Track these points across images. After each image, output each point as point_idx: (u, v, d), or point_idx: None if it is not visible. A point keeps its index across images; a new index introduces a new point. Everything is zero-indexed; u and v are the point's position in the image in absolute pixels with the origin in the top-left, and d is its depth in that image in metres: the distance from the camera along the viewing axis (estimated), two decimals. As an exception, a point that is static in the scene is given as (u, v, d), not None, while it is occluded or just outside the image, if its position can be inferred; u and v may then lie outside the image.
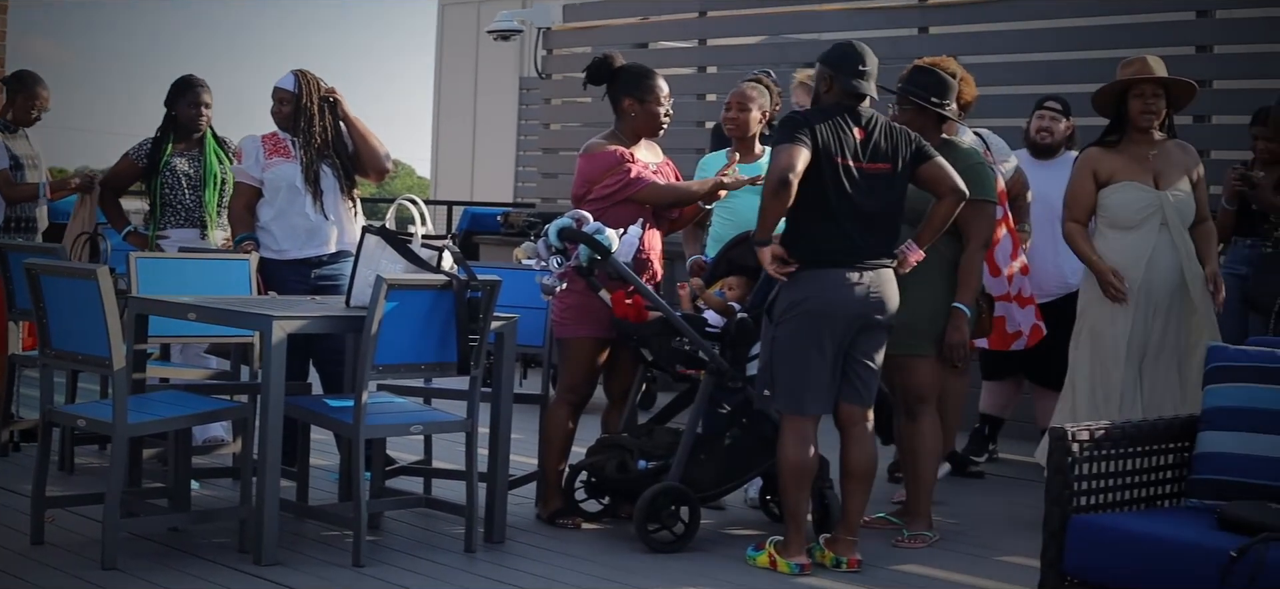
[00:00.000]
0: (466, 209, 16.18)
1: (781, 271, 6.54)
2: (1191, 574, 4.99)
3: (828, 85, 6.70)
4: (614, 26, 14.67)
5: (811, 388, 6.57)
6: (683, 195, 7.43)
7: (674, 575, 6.61)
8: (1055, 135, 9.03)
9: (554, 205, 13.90)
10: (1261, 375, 5.53)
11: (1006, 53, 11.86)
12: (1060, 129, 9.05)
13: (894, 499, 7.79)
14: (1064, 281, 8.79)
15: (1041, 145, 9.04)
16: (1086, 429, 5.39)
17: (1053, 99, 9.18)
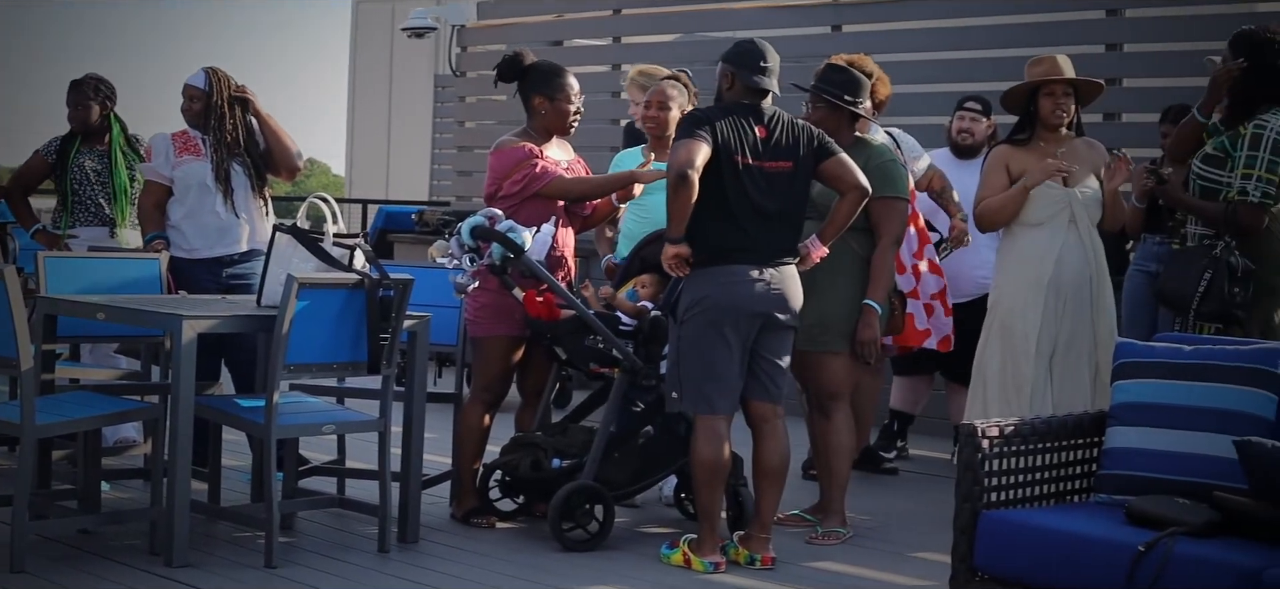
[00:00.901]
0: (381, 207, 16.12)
1: (677, 270, 6.55)
2: (1100, 569, 5.02)
3: (729, 82, 6.72)
4: (528, 24, 14.63)
5: (719, 386, 6.58)
6: (589, 188, 7.40)
7: (588, 574, 6.61)
8: (976, 135, 9.09)
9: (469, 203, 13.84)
10: (1169, 371, 5.58)
11: (919, 51, 11.92)
12: (981, 129, 9.10)
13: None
14: (979, 282, 8.84)
15: (963, 146, 9.10)
16: (996, 425, 5.41)
17: (973, 99, 9.24)
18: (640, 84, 8.35)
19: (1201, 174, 7.19)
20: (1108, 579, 4.99)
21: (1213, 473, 5.33)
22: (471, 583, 6.43)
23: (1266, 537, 5.04)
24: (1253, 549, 4.95)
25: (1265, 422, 5.39)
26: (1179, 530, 5.01)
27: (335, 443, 7.89)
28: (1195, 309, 6.96)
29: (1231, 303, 6.89)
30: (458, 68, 15.23)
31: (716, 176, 6.48)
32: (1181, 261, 7.17)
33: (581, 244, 7.86)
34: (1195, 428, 5.45)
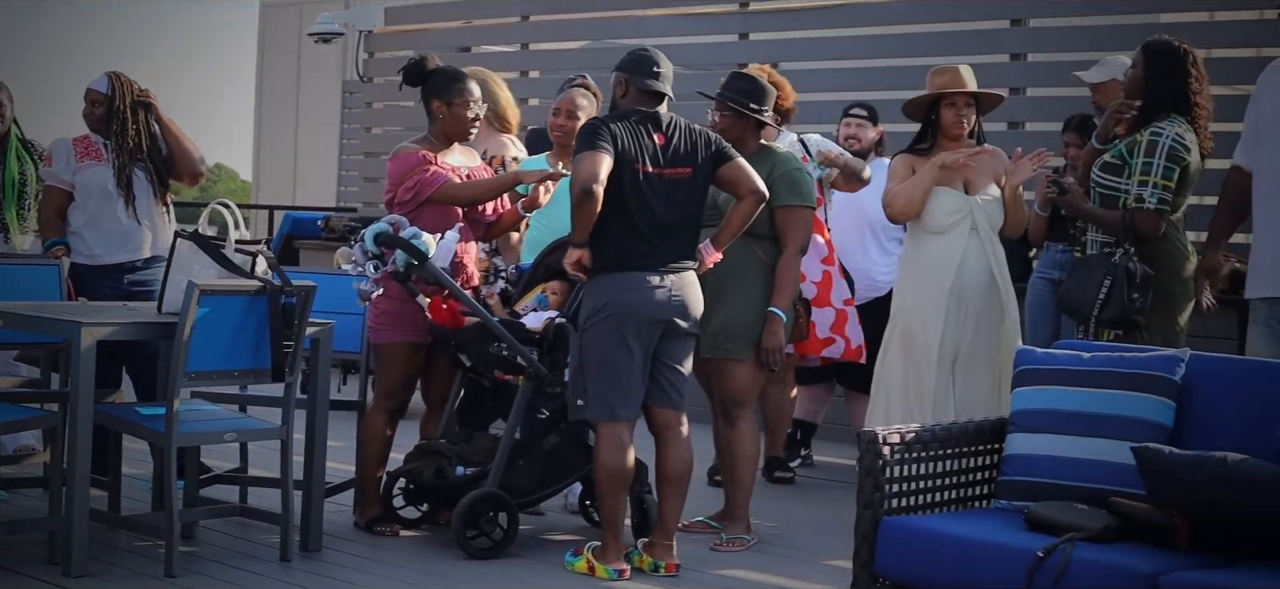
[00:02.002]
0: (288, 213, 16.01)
1: (576, 274, 6.55)
2: (1000, 574, 5.06)
3: (624, 90, 6.74)
4: (436, 30, 14.61)
5: (620, 393, 6.59)
6: (476, 193, 7.34)
7: (492, 582, 6.59)
8: (863, 142, 9.15)
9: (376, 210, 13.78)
10: (1068, 378, 5.63)
11: (825, 59, 11.99)
12: (868, 136, 9.17)
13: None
14: (873, 285, 8.90)
15: (851, 153, 9.14)
16: (897, 432, 5.45)
17: (859, 106, 9.30)
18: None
19: (1100, 182, 7.27)
20: (1007, 584, 5.03)
21: (1111, 478, 5.39)
22: (374, 591, 6.42)
23: (1163, 542, 5.10)
24: (1150, 554, 5.02)
25: (1163, 428, 5.45)
26: (1077, 536, 5.07)
27: (237, 451, 7.83)
28: (1096, 316, 7.03)
29: (1131, 308, 6.97)
30: (365, 74, 15.17)
31: (617, 185, 6.49)
32: (1082, 269, 7.24)
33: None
34: (1094, 434, 5.51)
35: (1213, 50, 9.55)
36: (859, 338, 8.44)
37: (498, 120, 8.35)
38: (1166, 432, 5.44)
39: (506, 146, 8.33)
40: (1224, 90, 9.03)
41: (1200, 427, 5.46)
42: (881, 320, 7.84)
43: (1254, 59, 7.63)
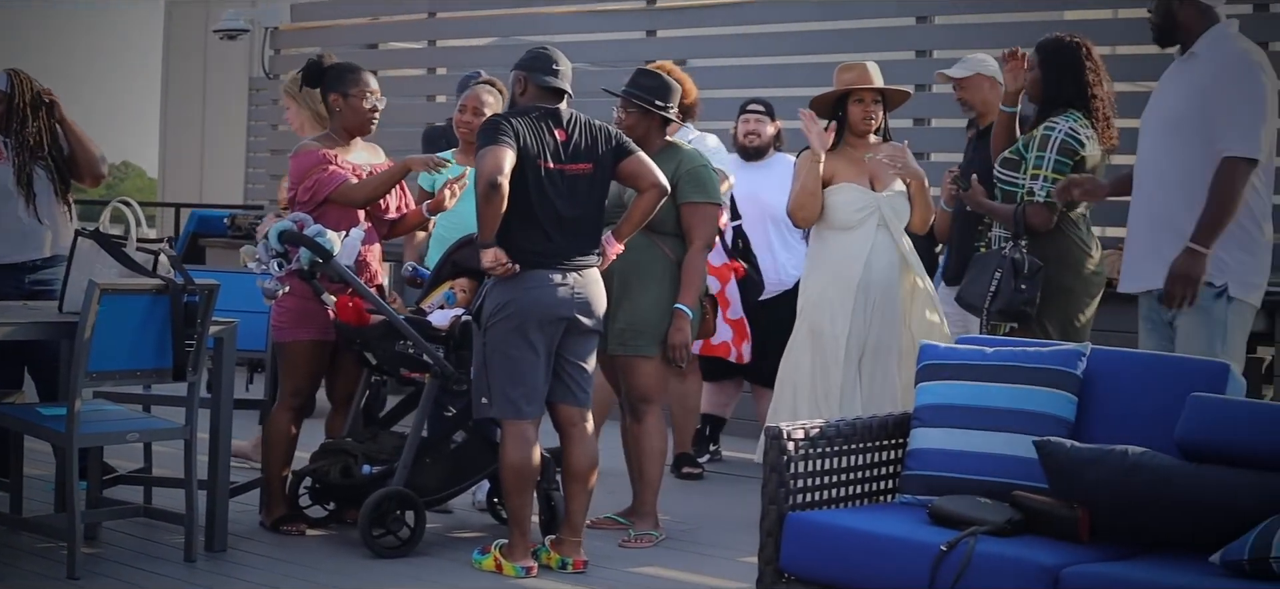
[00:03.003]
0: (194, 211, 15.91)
1: (502, 271, 6.53)
2: (903, 568, 5.09)
3: (523, 88, 6.73)
4: (342, 27, 14.53)
5: (524, 391, 6.58)
6: (371, 189, 7.28)
7: (399, 580, 6.57)
8: (763, 137, 9.18)
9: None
10: (970, 373, 5.67)
11: (732, 56, 12.02)
12: (767, 131, 9.20)
13: None
14: (779, 281, 8.93)
15: (750, 148, 9.19)
16: (801, 428, 5.46)
17: (756, 101, 9.33)
18: (294, 96, 8.32)
19: (1001, 177, 7.33)
20: (911, 578, 5.06)
21: (1014, 473, 5.44)
22: (280, 591, 6.38)
23: (1065, 535, 5.15)
24: (1051, 547, 5.06)
25: (1065, 422, 5.49)
26: (980, 529, 5.10)
27: (141, 451, 7.76)
28: (987, 308, 7.09)
29: (1019, 299, 7.02)
30: (271, 70, 15.06)
31: (520, 182, 6.49)
32: (978, 265, 7.30)
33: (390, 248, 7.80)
34: (997, 428, 5.54)
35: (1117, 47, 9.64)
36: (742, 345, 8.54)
37: (320, 119, 8.38)
38: (1068, 426, 5.49)
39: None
40: (1128, 87, 9.14)
41: (1102, 420, 5.51)
42: (786, 315, 7.86)
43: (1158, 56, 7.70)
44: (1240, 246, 6.44)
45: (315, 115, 8.12)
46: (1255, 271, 6.51)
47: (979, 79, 8.32)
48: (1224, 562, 4.78)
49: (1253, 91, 6.43)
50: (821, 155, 7.41)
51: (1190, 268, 6.44)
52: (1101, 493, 5.10)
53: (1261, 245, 6.53)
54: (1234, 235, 6.43)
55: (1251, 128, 6.39)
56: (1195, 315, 6.44)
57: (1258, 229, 6.49)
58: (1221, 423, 5.09)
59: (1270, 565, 4.66)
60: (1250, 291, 6.51)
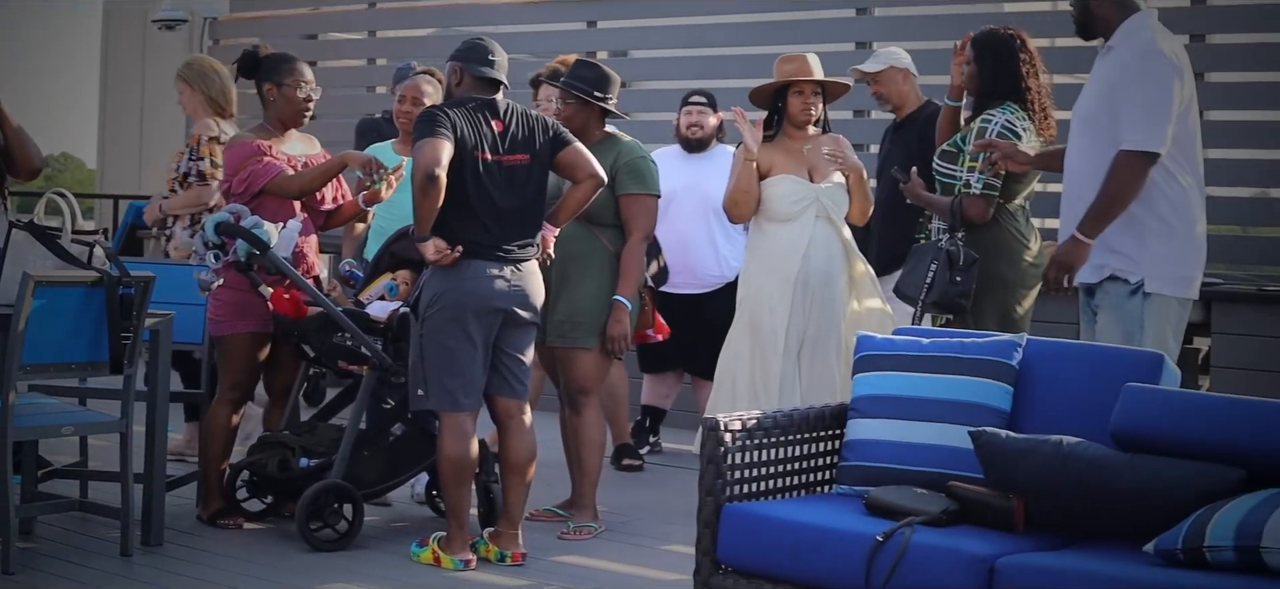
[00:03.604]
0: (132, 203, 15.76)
1: (442, 258, 6.51)
2: (840, 559, 5.09)
3: (459, 79, 6.72)
4: (282, 17, 14.45)
5: (462, 382, 6.56)
6: (307, 182, 7.25)
7: (337, 574, 6.55)
8: (705, 129, 9.18)
9: (220, 200, 13.63)
10: (906, 364, 5.68)
11: (673, 47, 12.02)
12: (709, 123, 9.19)
13: None
14: (721, 273, 8.94)
15: (693, 140, 9.18)
16: (739, 419, 5.46)
17: (698, 93, 9.32)
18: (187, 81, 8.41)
19: (939, 170, 7.36)
20: (847, 569, 5.07)
21: (950, 463, 5.44)
22: (216, 585, 6.33)
23: (1000, 525, 5.17)
24: (987, 537, 5.07)
25: (1000, 413, 5.51)
26: (916, 520, 5.12)
27: (77, 444, 7.70)
28: (922, 300, 7.11)
29: (954, 291, 7.04)
30: (209, 61, 14.96)
31: (457, 174, 6.47)
32: (915, 257, 7.32)
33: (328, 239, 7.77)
34: (933, 419, 5.55)
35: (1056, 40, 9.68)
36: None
37: (213, 104, 8.38)
38: (1004, 416, 5.50)
39: (210, 126, 8.35)
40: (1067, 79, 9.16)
41: (1037, 411, 5.53)
42: (728, 307, 7.87)
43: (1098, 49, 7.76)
44: (1157, 240, 6.38)
45: (208, 101, 8.19)
46: (1176, 265, 6.43)
47: (892, 72, 8.36)
48: (1158, 551, 4.81)
49: (1154, 84, 6.33)
50: (754, 153, 7.40)
51: (1066, 254, 6.49)
52: (1036, 483, 5.12)
53: (1184, 239, 6.44)
54: (1150, 229, 6.38)
55: (1148, 120, 6.29)
56: (1110, 311, 6.44)
57: (1179, 222, 6.41)
58: (1155, 413, 5.12)
59: (1203, 554, 4.69)
60: (1171, 286, 6.43)
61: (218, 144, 8.28)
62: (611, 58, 11.93)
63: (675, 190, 8.91)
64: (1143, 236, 6.38)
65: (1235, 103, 9.90)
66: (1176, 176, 6.41)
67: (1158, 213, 6.39)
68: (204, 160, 8.38)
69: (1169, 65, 6.37)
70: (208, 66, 8.58)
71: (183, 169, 8.45)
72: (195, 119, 8.53)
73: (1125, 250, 6.40)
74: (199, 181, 8.38)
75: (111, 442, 6.94)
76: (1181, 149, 6.41)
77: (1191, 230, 6.47)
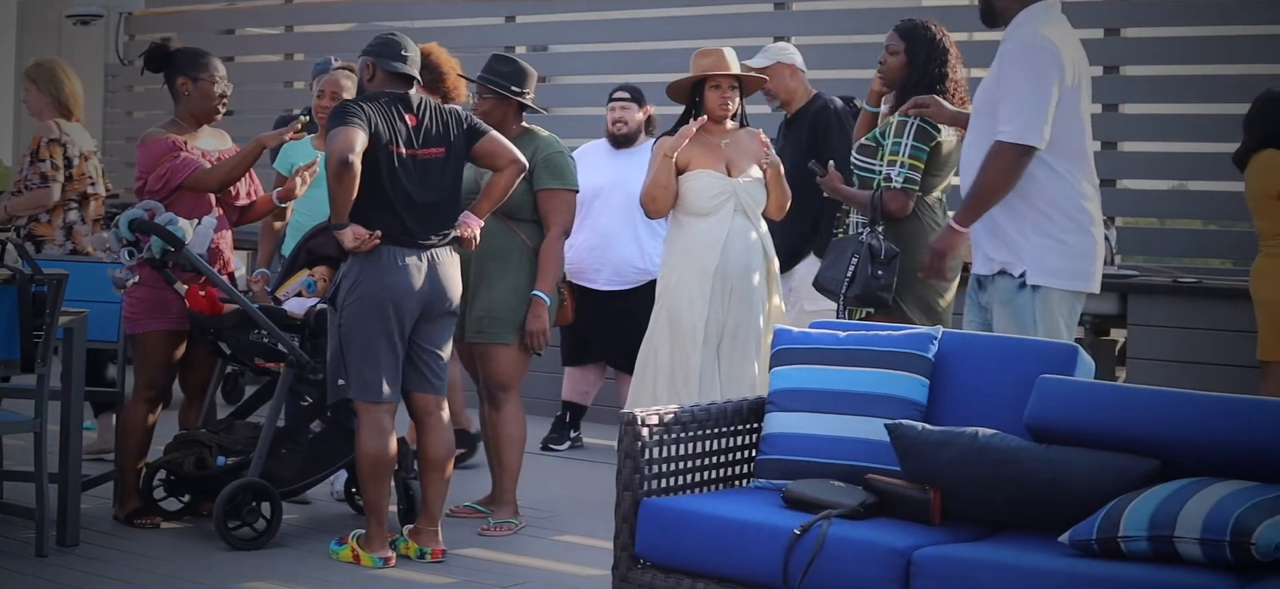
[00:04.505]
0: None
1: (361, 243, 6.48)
2: (758, 552, 5.10)
3: (371, 74, 6.70)
4: (199, 11, 14.36)
5: (379, 373, 6.54)
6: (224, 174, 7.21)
7: (255, 572, 6.51)
8: (630, 124, 9.17)
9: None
10: (824, 357, 5.70)
11: (591, 42, 12.01)
12: (634, 117, 9.19)
13: None
14: (645, 269, 8.93)
15: (619, 135, 9.17)
16: (656, 413, 5.46)
17: (623, 88, 9.32)
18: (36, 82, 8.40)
19: (858, 164, 7.38)
20: (765, 562, 5.08)
21: (867, 456, 5.47)
22: (134, 585, 6.28)
23: (917, 517, 5.19)
24: (904, 529, 5.10)
25: (917, 405, 5.54)
26: (833, 513, 5.13)
27: (-9, 445, 7.64)
28: (843, 293, 7.13)
29: (876, 285, 7.06)
30: (125, 56, 14.85)
31: (372, 168, 6.45)
32: (835, 250, 7.34)
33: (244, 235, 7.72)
34: (850, 412, 5.57)
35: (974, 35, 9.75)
36: None
37: (60, 106, 8.36)
38: (920, 408, 5.53)
39: (51, 129, 8.36)
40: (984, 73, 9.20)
41: (954, 403, 5.56)
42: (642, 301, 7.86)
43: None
44: (1039, 233, 6.33)
45: (55, 102, 8.17)
46: (1062, 258, 6.35)
47: (779, 68, 8.36)
48: (1073, 541, 4.84)
49: (1033, 76, 6.27)
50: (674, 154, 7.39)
51: (941, 242, 6.58)
52: (953, 475, 5.15)
53: (1071, 231, 6.36)
54: (1032, 222, 6.33)
55: (1025, 112, 6.24)
56: (1002, 306, 6.41)
57: (1063, 216, 6.35)
58: (1069, 404, 5.16)
59: (1118, 544, 4.73)
60: (1058, 278, 6.35)
61: (58, 146, 8.31)
62: (531, 52, 11.91)
63: (601, 186, 8.91)
64: (1024, 230, 6.34)
65: (1151, 96, 9.99)
66: (1060, 169, 6.34)
67: (1038, 206, 6.33)
68: (45, 162, 8.34)
69: (1051, 57, 6.28)
70: (57, 68, 8.57)
71: (24, 172, 8.40)
72: (39, 119, 8.47)
73: (1010, 244, 6.37)
74: (41, 184, 8.34)
75: (26, 441, 6.89)
76: (1068, 141, 6.36)
77: (1079, 222, 6.39)
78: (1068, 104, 6.33)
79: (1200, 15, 9.86)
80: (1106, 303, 8.87)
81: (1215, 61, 9.80)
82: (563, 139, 7.60)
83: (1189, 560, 4.64)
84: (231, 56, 13.36)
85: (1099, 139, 9.82)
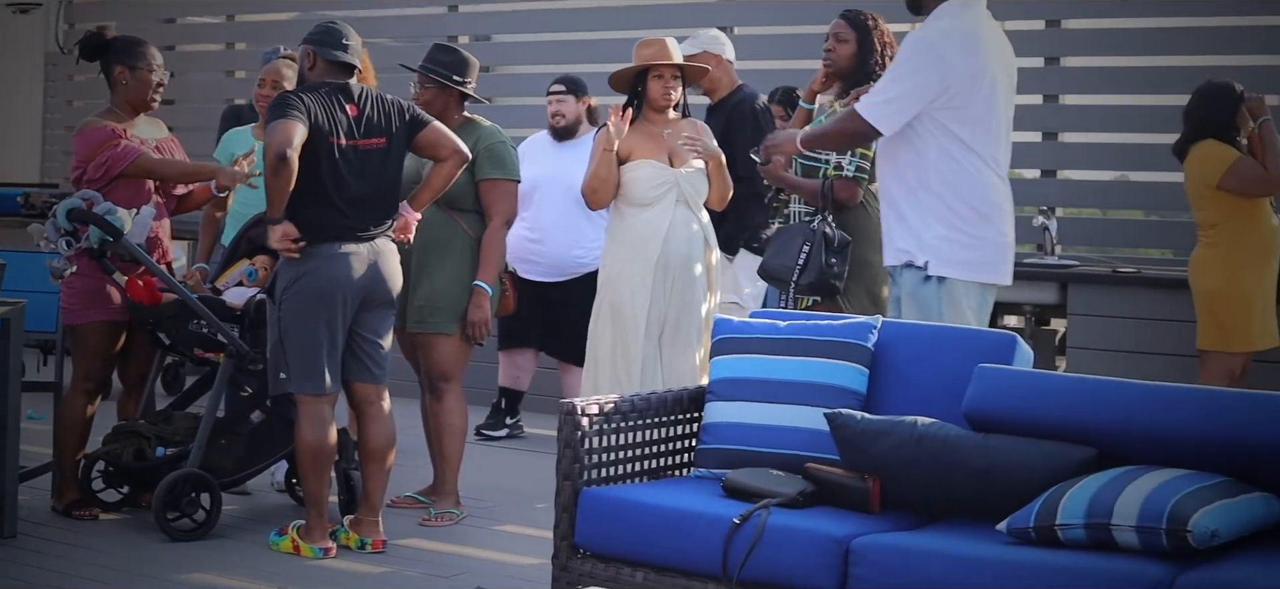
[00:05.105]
0: (-16, 190, 15.49)
1: (287, 249, 6.46)
2: (698, 541, 5.10)
3: (312, 63, 6.67)
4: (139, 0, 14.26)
5: (319, 365, 6.52)
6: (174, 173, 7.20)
7: (195, 563, 6.49)
8: (568, 116, 9.14)
9: (80, 185, 13.40)
10: (763, 347, 5.69)
11: (534, 32, 12.00)
12: (571, 108, 9.16)
13: None
14: (587, 260, 8.91)
15: (557, 128, 9.14)
16: (597, 403, 5.46)
17: (559, 80, 9.29)
18: None
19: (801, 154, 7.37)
20: (704, 551, 5.07)
21: (807, 445, 5.47)
22: (73, 577, 6.24)
23: (856, 505, 5.20)
24: (843, 518, 5.09)
25: (856, 394, 5.54)
26: (772, 502, 5.13)
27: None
28: (795, 282, 7.14)
29: (829, 274, 7.08)
30: (65, 45, 14.74)
31: (312, 159, 6.42)
32: (783, 238, 7.35)
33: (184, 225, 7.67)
34: (790, 402, 5.56)
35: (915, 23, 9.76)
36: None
37: None
38: (860, 398, 5.54)
39: None
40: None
41: (893, 392, 5.56)
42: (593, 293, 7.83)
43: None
44: (943, 224, 6.39)
45: None
46: (965, 249, 6.40)
47: (705, 56, 8.36)
48: (1010, 529, 4.86)
49: (908, 71, 6.39)
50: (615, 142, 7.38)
51: (777, 139, 6.95)
52: (891, 464, 5.16)
53: (975, 224, 6.41)
54: (935, 214, 6.39)
55: (885, 100, 6.39)
56: (908, 297, 6.45)
57: (969, 209, 6.39)
58: (1007, 393, 5.18)
59: (1055, 532, 4.75)
60: (961, 270, 6.40)
61: None
62: (474, 42, 11.88)
63: (541, 179, 8.89)
64: (928, 221, 6.39)
65: (1092, 87, 10.04)
66: (965, 162, 6.39)
67: (944, 198, 6.38)
68: None
69: (932, 57, 6.36)
70: None
71: None
72: None
73: (916, 235, 6.41)
74: None
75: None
76: (976, 135, 6.40)
77: (985, 214, 6.43)
78: (975, 98, 6.38)
79: (1140, 7, 9.91)
80: (1046, 293, 8.92)
81: (1156, 53, 9.86)
82: (506, 129, 7.59)
83: (1125, 548, 4.66)
84: (172, 45, 13.29)
85: (1040, 130, 9.89)
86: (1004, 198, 6.51)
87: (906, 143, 6.46)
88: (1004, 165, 6.55)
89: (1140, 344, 8.73)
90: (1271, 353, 7.96)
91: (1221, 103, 7.84)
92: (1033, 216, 9.38)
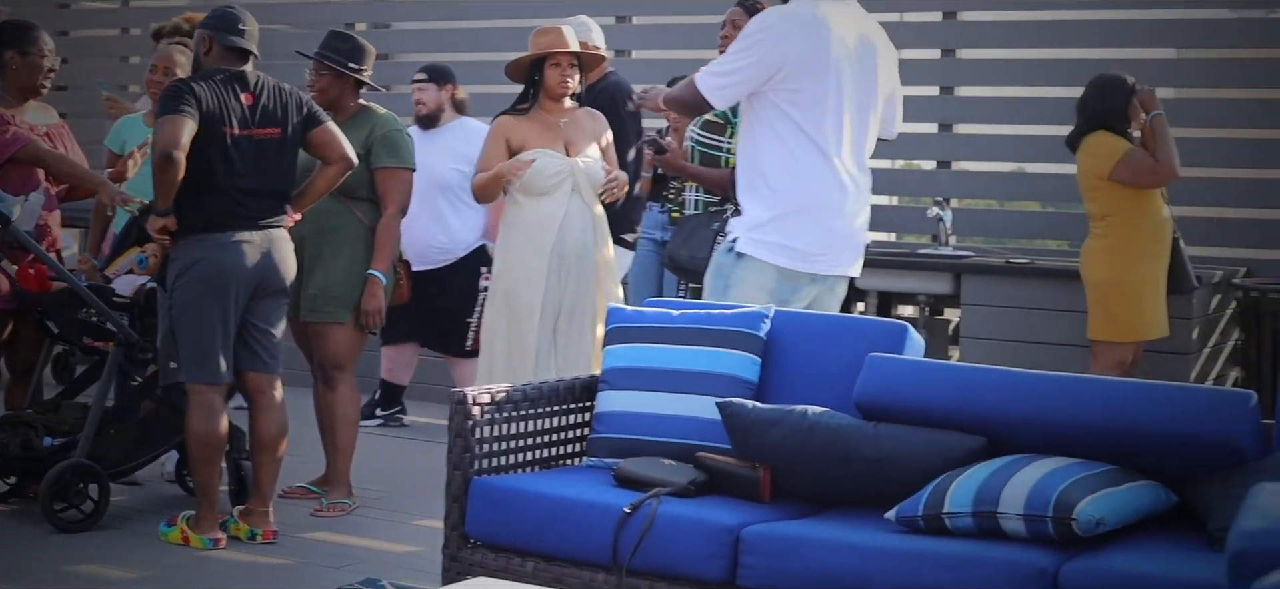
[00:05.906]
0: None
1: (160, 239, 6.40)
2: (589, 531, 5.09)
3: (207, 48, 6.60)
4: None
5: (211, 354, 6.45)
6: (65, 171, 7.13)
7: (83, 555, 6.42)
8: (429, 105, 9.01)
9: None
10: (656, 336, 5.69)
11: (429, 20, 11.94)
12: (432, 97, 9.01)
13: None
14: (451, 249, 8.84)
15: (419, 117, 9.02)
16: (487, 392, 5.44)
17: (422, 69, 9.17)
18: None
19: (701, 141, 7.39)
20: (596, 541, 5.07)
21: (698, 434, 5.47)
22: (-45, 568, 6.17)
23: (747, 495, 5.21)
24: (733, 506, 5.10)
25: (748, 383, 5.55)
26: (663, 491, 5.13)
27: None
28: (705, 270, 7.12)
29: None
30: (-43, 30, 14.54)
31: (204, 148, 6.36)
32: (689, 227, 7.34)
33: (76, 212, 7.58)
34: (682, 391, 5.57)
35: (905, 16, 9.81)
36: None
37: None
38: (752, 387, 5.55)
39: None
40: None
41: (784, 381, 5.58)
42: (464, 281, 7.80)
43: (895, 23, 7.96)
44: (762, 205, 6.41)
45: None
46: (775, 232, 6.40)
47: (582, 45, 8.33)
48: (899, 518, 4.89)
49: (744, 50, 6.41)
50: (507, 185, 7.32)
51: (651, 91, 7.14)
52: (782, 453, 5.17)
53: (795, 209, 6.39)
54: (757, 193, 6.43)
55: (718, 72, 6.45)
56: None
57: (788, 191, 6.40)
58: (897, 382, 5.20)
59: (943, 521, 4.77)
60: (763, 250, 6.40)
61: None
62: (372, 29, 11.80)
63: None
64: (752, 199, 6.44)
65: (989, 79, 10.10)
66: (796, 149, 6.39)
67: (770, 181, 6.40)
68: None
69: (769, 42, 6.37)
70: None
71: None
72: None
73: (742, 220, 6.47)
74: None
75: None
76: (810, 124, 6.40)
77: (807, 202, 6.42)
78: (810, 82, 6.37)
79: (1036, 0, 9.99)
80: (940, 283, 8.97)
81: (1052, 45, 9.93)
82: (402, 118, 7.54)
83: (1012, 536, 4.70)
84: (66, 31, 13.11)
85: (935, 121, 9.94)
86: (837, 188, 6.46)
87: (747, 124, 6.48)
88: (852, 155, 6.50)
89: (1033, 334, 8.79)
90: (1161, 343, 8.04)
91: (1114, 95, 7.91)
92: (928, 208, 9.44)
